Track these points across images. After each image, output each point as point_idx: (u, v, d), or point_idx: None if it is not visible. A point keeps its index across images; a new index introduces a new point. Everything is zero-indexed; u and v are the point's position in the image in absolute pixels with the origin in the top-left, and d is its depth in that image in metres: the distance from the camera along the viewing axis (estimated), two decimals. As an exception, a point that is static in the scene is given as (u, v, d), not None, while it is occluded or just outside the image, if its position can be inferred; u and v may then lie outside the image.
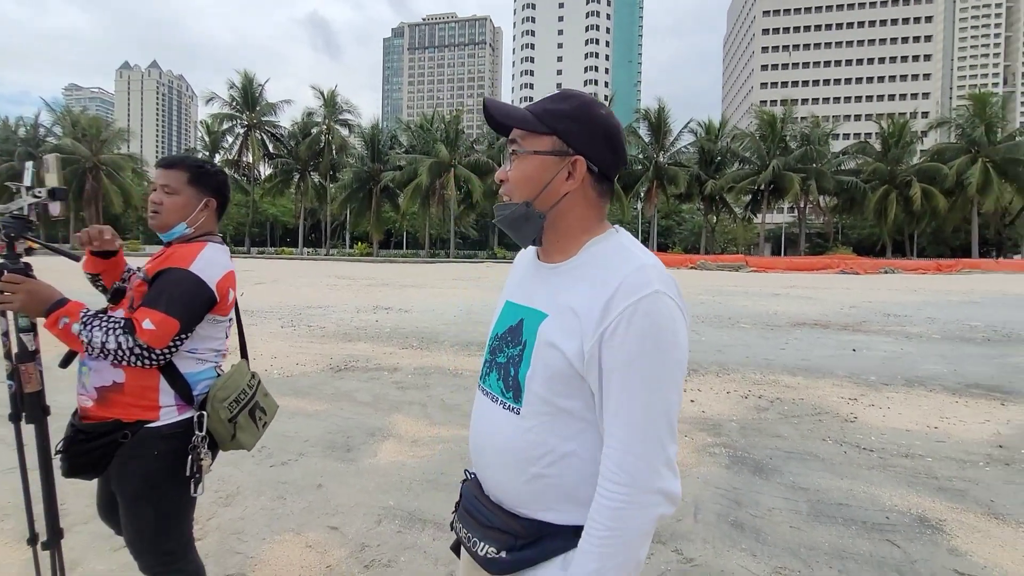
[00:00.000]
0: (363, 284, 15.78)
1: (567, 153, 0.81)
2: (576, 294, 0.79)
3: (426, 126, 42.09)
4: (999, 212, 38.13)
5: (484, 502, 0.87)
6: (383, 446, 3.35)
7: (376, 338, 7.04)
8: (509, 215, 0.84)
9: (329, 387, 4.66)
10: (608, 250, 0.82)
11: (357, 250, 45.47)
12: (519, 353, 0.82)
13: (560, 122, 0.81)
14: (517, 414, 0.82)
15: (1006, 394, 4.69)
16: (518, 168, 0.83)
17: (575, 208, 0.84)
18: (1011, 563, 2.20)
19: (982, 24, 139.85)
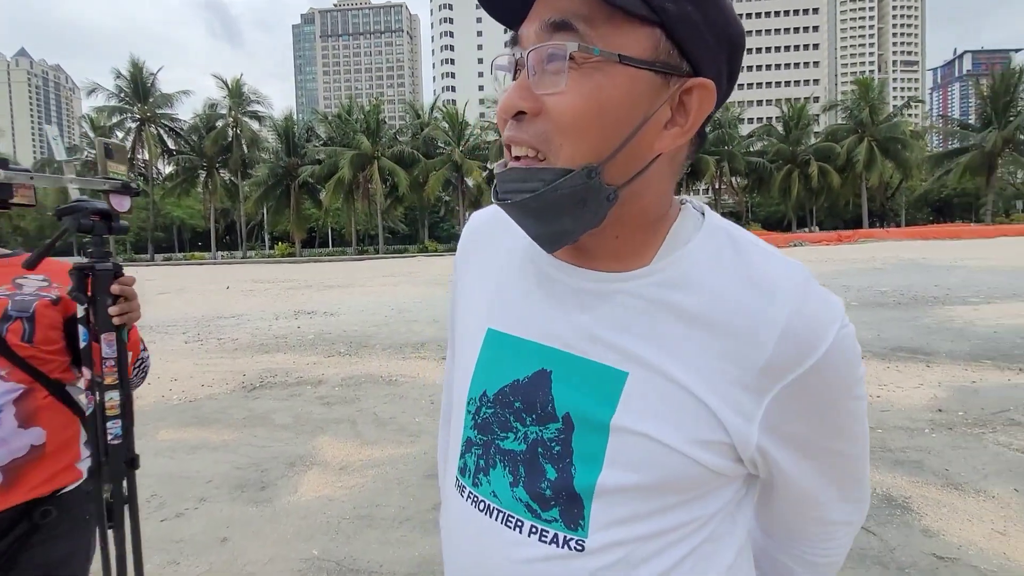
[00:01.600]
0: (283, 287, 14.64)
1: (680, 71, 0.42)
2: (682, 341, 0.44)
3: (345, 117, 40.05)
4: (883, 186, 42.28)
5: None
6: (305, 479, 2.86)
7: (298, 347, 6.37)
8: (547, 192, 0.41)
9: (241, 410, 4.04)
10: (716, 252, 0.46)
11: (277, 251, 42.66)
12: (560, 438, 0.46)
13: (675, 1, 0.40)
14: (579, 550, 0.45)
15: (928, 355, 4.93)
16: (579, 89, 0.40)
17: (661, 180, 0.45)
18: (982, 538, 2.14)
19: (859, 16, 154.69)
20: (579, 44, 0.39)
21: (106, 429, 0.93)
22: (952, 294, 8.64)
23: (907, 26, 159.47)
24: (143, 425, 3.72)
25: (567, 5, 0.40)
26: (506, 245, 0.55)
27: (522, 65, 0.42)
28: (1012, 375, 4.22)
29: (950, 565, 1.99)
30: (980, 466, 2.73)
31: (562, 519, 0.46)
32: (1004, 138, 35.34)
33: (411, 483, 2.76)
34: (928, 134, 45.15)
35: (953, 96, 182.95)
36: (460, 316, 0.60)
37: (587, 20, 0.40)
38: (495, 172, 0.47)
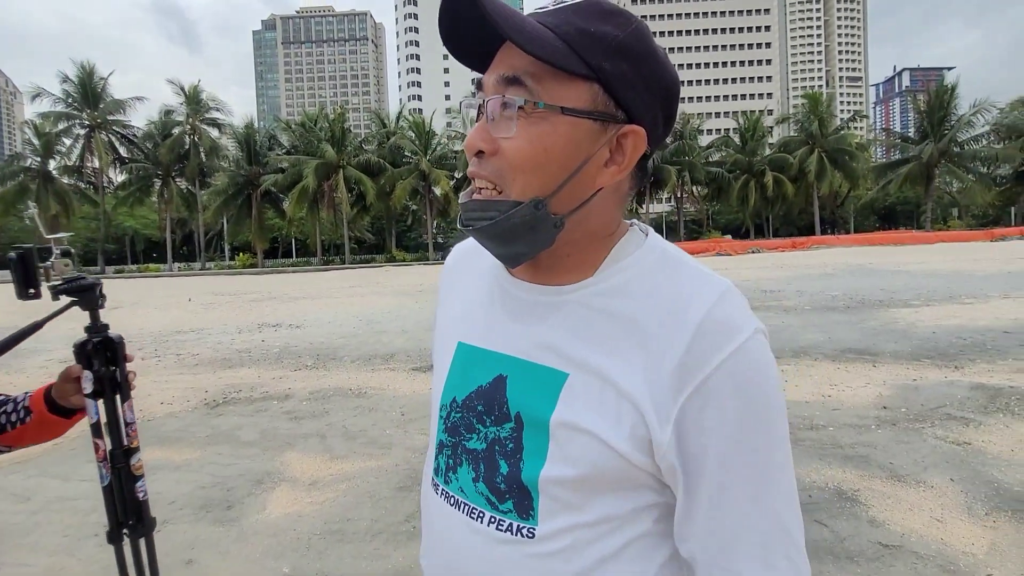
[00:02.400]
0: (246, 300, 14.23)
1: (615, 119, 0.48)
2: (611, 343, 0.49)
3: (308, 125, 39.35)
4: (832, 195, 44.43)
5: None
6: (273, 496, 2.81)
7: (263, 361, 6.22)
8: (502, 221, 0.48)
9: (203, 428, 3.93)
10: (651, 266, 0.52)
11: (239, 262, 41.35)
12: (513, 436, 0.51)
13: (610, 59, 0.46)
14: (530, 537, 0.50)
15: (874, 356, 5.23)
16: (530, 135, 0.47)
17: (605, 208, 0.52)
18: (922, 525, 2.31)
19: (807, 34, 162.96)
20: (525, 99, 0.46)
21: (134, 489, 1.00)
22: (896, 297, 9.17)
23: (851, 44, 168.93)
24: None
25: (519, 63, 0.47)
26: (478, 268, 0.61)
27: (483, 109, 0.49)
28: (948, 373, 4.53)
29: (893, 552, 2.13)
30: (920, 459, 2.93)
31: (516, 510, 0.51)
32: (940, 150, 37.77)
33: (383, 496, 2.76)
34: (872, 146, 47.76)
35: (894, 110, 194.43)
36: (439, 332, 0.65)
37: (535, 77, 0.46)
38: (460, 203, 0.53)
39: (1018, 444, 3.06)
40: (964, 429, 3.31)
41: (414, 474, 3.00)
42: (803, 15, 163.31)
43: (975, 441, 3.12)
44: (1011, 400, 3.77)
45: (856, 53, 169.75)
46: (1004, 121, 38.61)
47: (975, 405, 3.71)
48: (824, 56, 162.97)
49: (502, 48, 0.49)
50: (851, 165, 39.99)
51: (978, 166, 39.59)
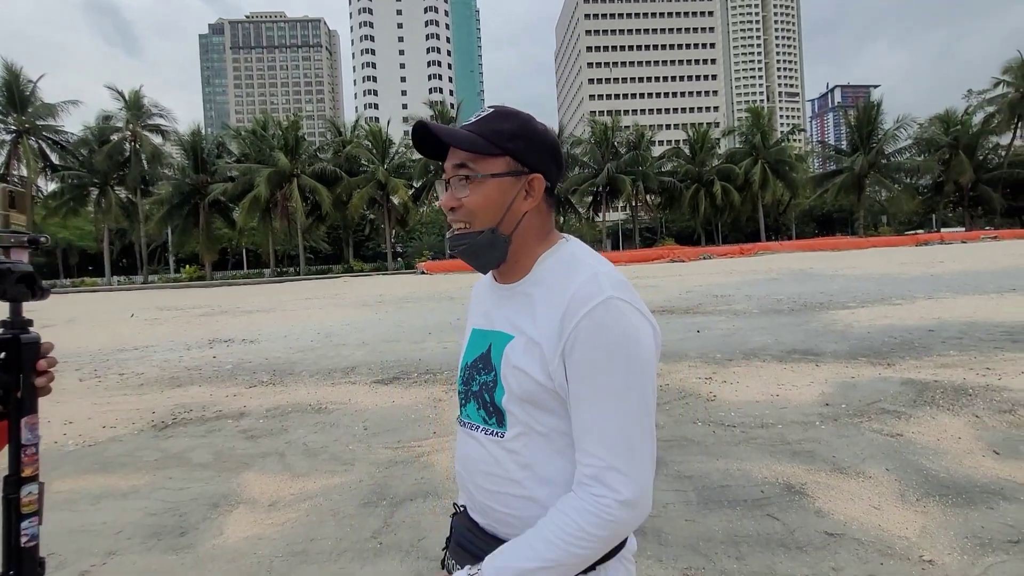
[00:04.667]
0: (195, 314, 13.59)
1: (523, 172, 0.81)
2: (532, 313, 0.80)
3: (260, 132, 38.12)
4: (775, 203, 46.87)
5: (477, 533, 0.86)
6: (231, 519, 2.71)
7: (215, 379, 5.97)
8: (473, 244, 0.82)
9: (151, 451, 3.74)
10: (559, 262, 0.82)
11: (185, 274, 39.37)
12: (492, 379, 0.82)
13: (511, 142, 0.80)
14: (501, 438, 0.81)
15: (816, 356, 5.56)
16: (477, 193, 0.80)
17: (532, 225, 0.84)
18: (862, 513, 2.48)
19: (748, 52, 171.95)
20: (469, 174, 0.80)
21: (20, 530, 0.75)
22: (834, 300, 9.77)
23: (788, 62, 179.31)
24: (33, 476, 3.34)
25: (462, 155, 0.80)
26: (487, 280, 0.94)
27: (447, 182, 0.84)
28: (882, 370, 4.87)
29: (837, 540, 2.28)
30: (859, 451, 3.14)
31: (496, 423, 0.82)
32: (869, 162, 40.58)
33: (347, 513, 2.71)
34: (810, 157, 50.75)
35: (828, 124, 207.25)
36: (468, 325, 0.96)
37: (473, 160, 0.80)
38: (447, 238, 0.85)
39: (943, 434, 3.34)
40: (896, 422, 3.57)
41: (379, 489, 2.96)
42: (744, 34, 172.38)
43: (906, 433, 3.38)
44: (936, 393, 4.09)
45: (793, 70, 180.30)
46: (924, 135, 41.96)
47: (905, 399, 4.01)
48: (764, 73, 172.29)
49: (452, 148, 0.82)
50: (791, 175, 42.32)
51: (903, 176, 42.76)
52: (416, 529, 2.52)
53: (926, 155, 41.92)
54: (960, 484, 2.70)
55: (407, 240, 49.50)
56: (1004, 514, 2.41)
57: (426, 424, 4.03)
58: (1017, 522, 2.34)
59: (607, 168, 40.27)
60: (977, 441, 3.21)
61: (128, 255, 49.69)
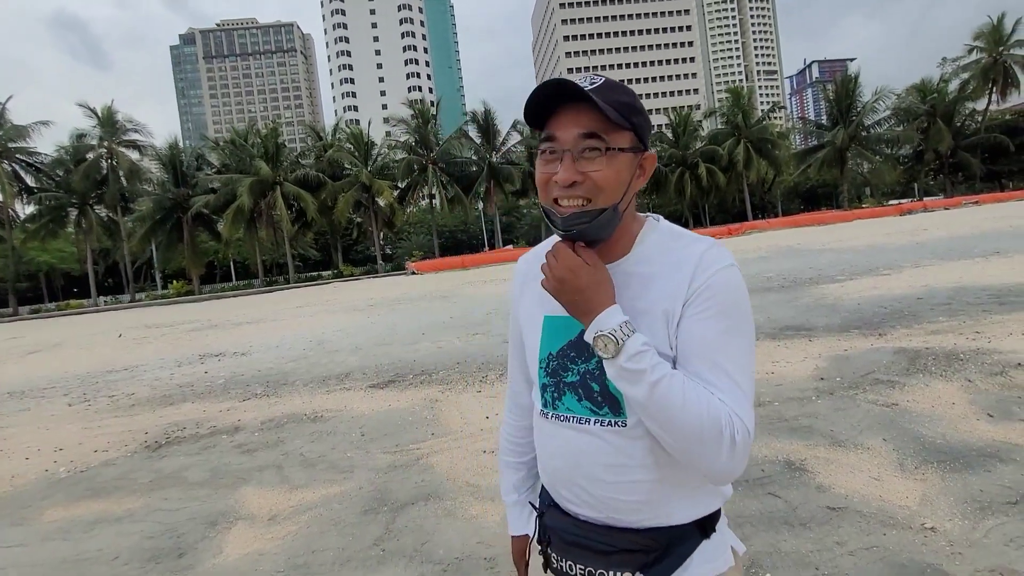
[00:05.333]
0: (184, 330, 13.43)
1: (640, 150, 0.79)
2: (646, 288, 0.79)
3: (240, 142, 37.59)
4: (760, 182, 47.08)
5: (591, 527, 0.82)
6: (230, 536, 2.67)
7: (207, 394, 5.89)
8: (597, 223, 0.76)
9: (146, 473, 3.68)
10: (665, 237, 0.83)
11: (172, 290, 38.88)
12: (598, 365, 0.79)
13: (635, 116, 0.76)
14: (623, 426, 0.78)
15: (809, 331, 5.58)
16: (608, 168, 0.75)
17: (633, 203, 0.83)
18: (862, 485, 2.49)
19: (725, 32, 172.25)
20: (600, 146, 0.75)
21: None
22: (823, 274, 9.84)
23: (765, 40, 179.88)
24: (22, 508, 3.28)
25: (592, 124, 0.75)
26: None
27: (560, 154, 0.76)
28: (874, 340, 4.91)
29: (840, 513, 2.29)
30: (856, 423, 3.16)
31: (611, 412, 0.79)
32: (849, 135, 40.83)
33: (349, 522, 2.68)
34: (791, 134, 50.97)
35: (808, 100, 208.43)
36: (523, 314, 0.92)
37: (604, 131, 0.75)
38: (554, 220, 0.78)
39: (937, 401, 3.36)
40: (891, 392, 3.59)
41: (379, 495, 2.93)
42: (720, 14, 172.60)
43: (901, 402, 3.40)
44: (928, 361, 4.13)
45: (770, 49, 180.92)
46: (902, 106, 42.25)
47: (899, 368, 4.04)
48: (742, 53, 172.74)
49: (568, 112, 0.76)
50: (774, 153, 42.49)
51: (883, 148, 43.09)
52: (419, 533, 2.49)
53: (905, 125, 42.25)
54: (957, 449, 2.72)
55: (396, 242, 49.24)
56: (1001, 476, 2.43)
57: (424, 426, 4.00)
58: (1014, 483, 2.36)
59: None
60: (971, 405, 3.23)
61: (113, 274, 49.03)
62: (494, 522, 2.52)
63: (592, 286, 0.75)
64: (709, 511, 0.82)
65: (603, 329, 0.73)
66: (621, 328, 0.72)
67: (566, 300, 0.76)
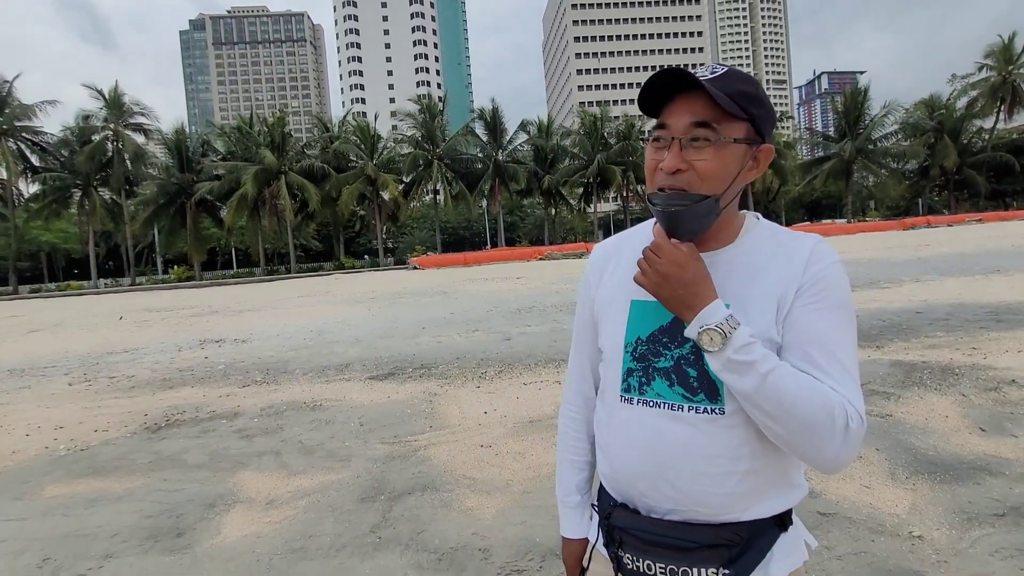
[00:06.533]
0: (185, 315, 13.48)
1: (756, 141, 0.78)
2: (751, 276, 0.78)
3: (245, 130, 37.62)
4: (765, 190, 47.11)
5: (669, 525, 0.80)
6: (228, 519, 2.71)
7: (207, 379, 5.93)
8: (691, 209, 0.75)
9: (146, 454, 3.72)
10: (771, 232, 0.83)
11: (174, 275, 38.96)
12: (694, 350, 0.78)
13: (754, 107, 0.75)
14: (721, 414, 0.77)
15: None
16: (716, 158, 0.74)
17: (737, 197, 0.81)
18: (853, 493, 2.52)
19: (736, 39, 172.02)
20: (712, 136, 0.74)
21: None
22: (825, 285, 9.84)
23: (775, 48, 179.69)
24: (23, 484, 3.32)
25: (705, 113, 0.74)
26: (627, 255, 0.89)
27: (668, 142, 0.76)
28: (872, 352, 4.94)
29: (830, 519, 2.32)
30: (850, 433, 3.19)
31: (707, 398, 0.77)
32: (857, 148, 40.83)
33: (345, 509, 2.72)
34: (798, 144, 50.97)
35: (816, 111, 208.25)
36: (603, 299, 0.90)
37: (716, 121, 0.74)
38: (656, 202, 0.77)
39: (930, 413, 3.40)
40: (886, 403, 3.63)
41: (376, 484, 2.97)
42: (732, 22, 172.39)
43: (895, 413, 3.44)
44: (924, 374, 4.16)
45: (780, 57, 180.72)
46: (909, 121, 42.26)
47: (895, 380, 4.08)
48: (752, 60, 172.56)
49: (682, 101, 0.76)
50: (780, 162, 42.45)
51: (890, 162, 43.07)
52: (415, 522, 2.53)
53: (912, 140, 42.25)
54: (948, 461, 2.76)
55: (399, 235, 49.29)
56: (990, 489, 2.46)
57: (422, 419, 4.04)
58: (1002, 496, 2.39)
59: (597, 159, 40.19)
60: (964, 419, 3.27)
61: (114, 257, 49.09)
62: (490, 515, 2.56)
63: (697, 280, 0.73)
64: (789, 505, 0.81)
65: (708, 323, 0.71)
66: (728, 321, 0.71)
67: (668, 295, 0.74)
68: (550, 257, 31.29)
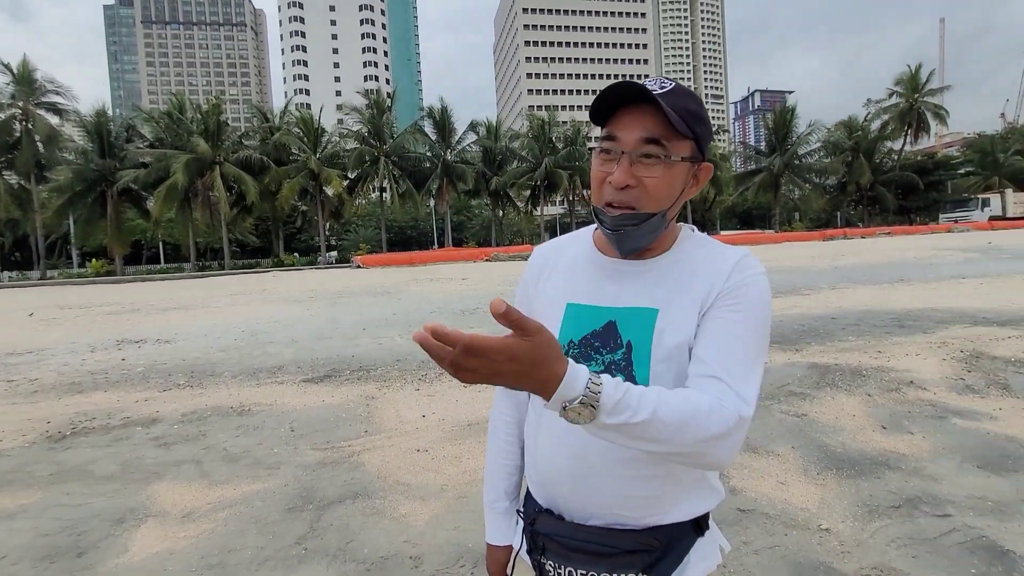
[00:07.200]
0: (101, 312, 12.43)
1: (699, 160, 0.80)
2: (679, 282, 0.80)
3: (176, 115, 35.20)
4: (702, 200, 49.39)
5: (592, 531, 0.80)
6: (138, 535, 2.51)
7: (123, 382, 5.49)
8: (644, 227, 0.78)
9: (46, 465, 3.39)
10: (702, 243, 0.85)
11: (92, 269, 35.82)
12: (625, 356, 0.79)
13: (698, 125, 0.76)
14: None
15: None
16: (665, 177, 0.76)
17: (676, 212, 0.83)
18: (770, 489, 2.68)
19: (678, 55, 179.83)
20: (664, 153, 0.75)
21: None
22: (754, 291, 10.43)
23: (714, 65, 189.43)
24: None
25: (656, 130, 0.75)
26: (566, 257, 0.91)
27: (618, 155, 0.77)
28: (791, 355, 5.29)
29: (749, 515, 2.46)
30: (769, 431, 3.39)
31: None
32: (784, 163, 43.72)
33: (270, 519, 2.59)
34: (733, 157, 53.91)
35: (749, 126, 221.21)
36: (541, 301, 0.90)
37: (666, 137, 0.75)
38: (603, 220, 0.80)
39: (840, 412, 3.67)
40: (802, 403, 3.89)
41: (305, 493, 2.85)
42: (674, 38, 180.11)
43: (810, 413, 3.69)
44: (836, 376, 4.50)
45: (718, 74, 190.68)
46: (831, 139, 45.72)
47: (810, 382, 4.38)
48: (693, 75, 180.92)
49: (632, 114, 0.76)
50: (717, 173, 44.77)
51: (813, 177, 46.46)
52: (344, 532, 2.45)
53: (832, 157, 45.75)
54: (853, 457, 2.99)
55: (343, 233, 47.77)
56: (889, 482, 2.69)
57: (357, 423, 3.92)
58: (899, 489, 2.62)
59: (545, 163, 40.75)
60: (869, 418, 3.56)
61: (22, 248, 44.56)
62: (422, 521, 2.52)
63: (536, 364, 0.60)
64: (707, 509, 0.84)
65: (571, 398, 0.61)
66: (590, 389, 0.62)
67: (511, 384, 0.61)
68: (496, 258, 31.35)
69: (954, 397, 3.88)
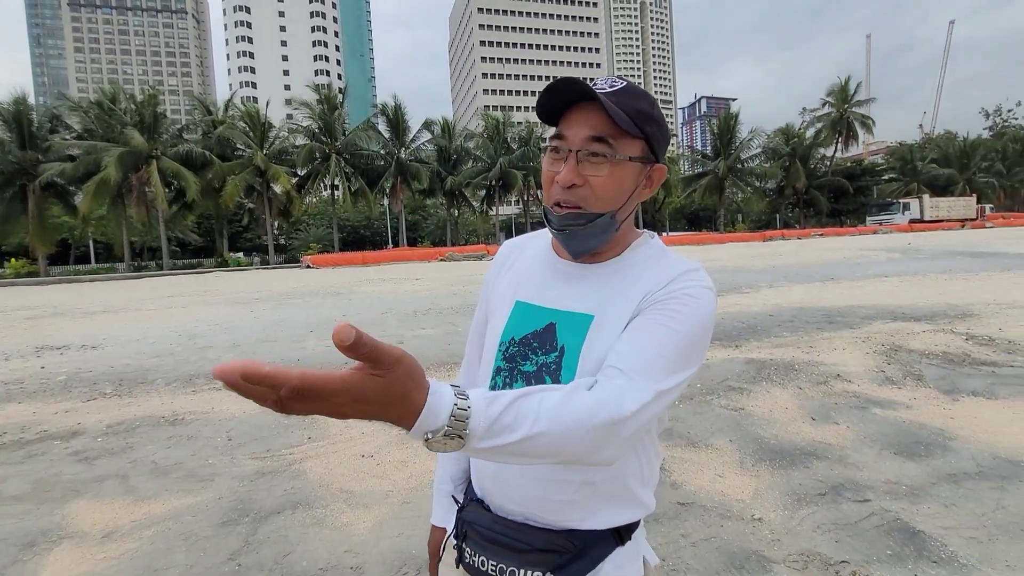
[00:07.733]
0: (19, 317, 11.44)
1: (651, 160, 0.78)
2: (622, 289, 0.78)
3: (107, 106, 32.85)
4: (652, 201, 50.96)
5: (510, 525, 0.81)
6: (50, 559, 2.32)
7: (41, 393, 5.07)
8: (590, 227, 0.76)
9: (-56, 487, 3.07)
10: (655, 251, 0.83)
11: (10, 269, 32.93)
12: (556, 360, 0.78)
13: (649, 125, 0.75)
14: None
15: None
16: (611, 176, 0.75)
17: (633, 213, 0.82)
18: (708, 482, 2.78)
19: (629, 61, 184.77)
20: (608, 153, 0.74)
21: None
22: (700, 290, 10.84)
23: (663, 71, 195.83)
24: None
25: (602, 128, 0.73)
26: (527, 255, 0.91)
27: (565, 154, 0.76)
28: (731, 351, 5.52)
29: (688, 508, 2.54)
30: (709, 425, 3.53)
31: None
32: (728, 166, 45.72)
33: (201, 535, 2.46)
34: (681, 160, 55.88)
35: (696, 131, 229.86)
36: (496, 296, 0.91)
37: (613, 137, 0.74)
38: (551, 220, 0.79)
39: (774, 405, 3.87)
40: (739, 397, 4.07)
41: (241, 505, 2.72)
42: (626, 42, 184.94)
43: (747, 406, 3.86)
44: (771, 371, 4.73)
45: (667, 79, 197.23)
46: (770, 145, 48.23)
47: (747, 377, 4.59)
48: (643, 80, 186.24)
49: (580, 112, 0.75)
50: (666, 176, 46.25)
51: (754, 180, 48.86)
52: (282, 544, 2.36)
53: (772, 162, 48.27)
54: (785, 448, 3.15)
55: (292, 232, 46.12)
56: (816, 471, 2.85)
57: (299, 429, 3.79)
58: (825, 477, 2.78)
59: (500, 162, 40.82)
60: (799, 410, 3.76)
61: (-76, 247, 40.41)
62: (365, 529, 2.46)
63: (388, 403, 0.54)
64: (630, 521, 0.82)
65: (433, 429, 0.56)
66: (455, 418, 0.56)
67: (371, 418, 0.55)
68: (451, 258, 31.12)
69: (875, 388, 4.16)
